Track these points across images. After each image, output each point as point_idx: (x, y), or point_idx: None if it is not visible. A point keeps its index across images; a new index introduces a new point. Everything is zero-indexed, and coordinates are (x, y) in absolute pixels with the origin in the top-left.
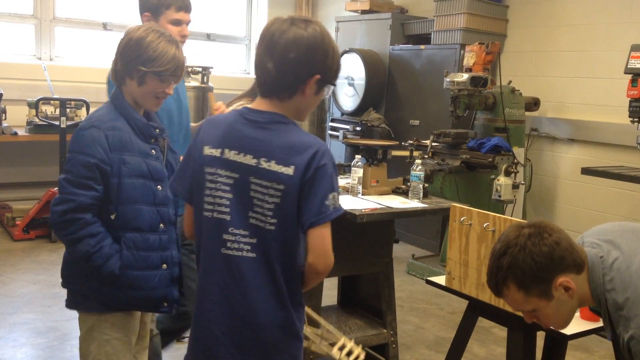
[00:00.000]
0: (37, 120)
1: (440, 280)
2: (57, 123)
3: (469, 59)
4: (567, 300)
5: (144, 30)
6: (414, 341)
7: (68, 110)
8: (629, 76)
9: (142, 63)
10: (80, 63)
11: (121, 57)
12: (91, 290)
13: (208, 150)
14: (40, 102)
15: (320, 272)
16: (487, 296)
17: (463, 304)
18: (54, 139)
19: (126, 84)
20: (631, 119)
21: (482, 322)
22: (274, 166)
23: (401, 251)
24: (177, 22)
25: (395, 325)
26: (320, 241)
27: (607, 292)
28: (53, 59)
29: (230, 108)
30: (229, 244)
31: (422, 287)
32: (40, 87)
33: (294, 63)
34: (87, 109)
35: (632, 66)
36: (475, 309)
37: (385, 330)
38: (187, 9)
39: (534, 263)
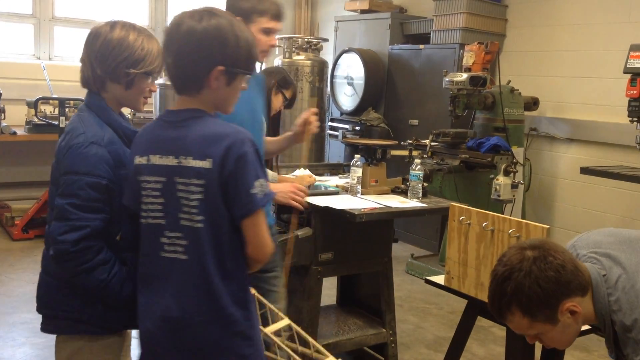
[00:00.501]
0: (36, 119)
1: (439, 279)
2: (56, 123)
3: (468, 59)
4: (572, 324)
5: (121, 29)
6: (413, 341)
7: (67, 109)
8: (628, 76)
9: (131, 65)
10: (79, 62)
11: (101, 61)
12: (85, 314)
13: (137, 160)
14: (40, 101)
15: (259, 261)
16: (485, 295)
17: (462, 303)
18: (53, 138)
19: (107, 89)
20: (630, 118)
21: (481, 322)
22: (192, 162)
23: (400, 251)
24: (269, 32)
25: (395, 325)
26: (255, 231)
27: (614, 313)
28: (52, 58)
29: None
30: (166, 247)
31: (421, 287)
32: (39, 87)
33: (188, 57)
34: None
35: (631, 66)
36: (474, 309)
37: (384, 330)
38: (280, 17)
39: (540, 289)
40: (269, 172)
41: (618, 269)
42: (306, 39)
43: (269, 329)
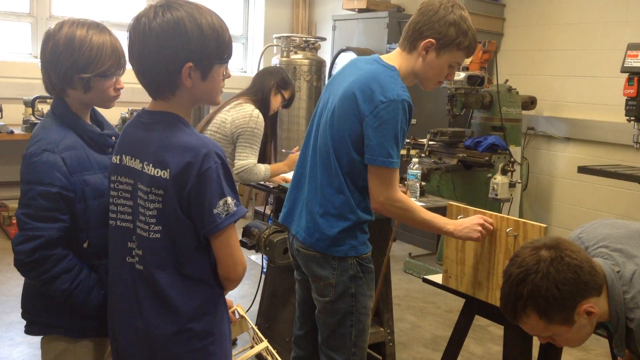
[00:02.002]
0: (33, 118)
1: (437, 278)
2: None
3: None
4: (587, 324)
5: (68, 28)
6: (410, 340)
7: None
8: (625, 75)
9: (81, 70)
10: None
11: (53, 68)
12: (62, 321)
13: (113, 159)
14: (37, 100)
15: (232, 280)
16: (483, 294)
17: (460, 302)
18: None
19: (68, 94)
20: (627, 117)
21: (479, 321)
22: (151, 169)
23: (398, 250)
24: (454, 66)
25: (392, 324)
26: (223, 251)
27: (630, 311)
28: None
29: (228, 107)
30: (133, 252)
31: (419, 286)
32: (36, 86)
33: (151, 60)
34: None
35: (629, 65)
36: (472, 307)
37: (382, 329)
38: (473, 52)
39: (558, 292)
40: (262, 166)
41: (632, 264)
42: (304, 38)
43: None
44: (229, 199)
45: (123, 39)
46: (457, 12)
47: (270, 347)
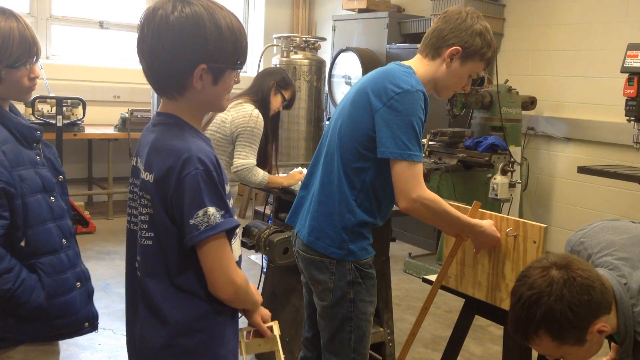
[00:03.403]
0: (33, 118)
1: None
2: (53, 122)
3: None
4: (597, 342)
5: None
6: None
7: (64, 108)
8: (625, 75)
9: None
10: (76, 61)
11: None
12: (7, 329)
13: (133, 160)
14: (37, 100)
15: (223, 299)
16: (483, 294)
17: (460, 302)
18: (51, 137)
19: None
20: (627, 117)
21: (479, 321)
22: (143, 172)
23: (398, 250)
24: (474, 76)
25: (392, 324)
26: (206, 265)
27: (639, 325)
28: (49, 57)
29: (228, 107)
30: (138, 257)
31: (419, 286)
32: (37, 86)
33: (164, 57)
34: (84, 108)
35: (628, 65)
36: (472, 307)
37: (382, 329)
38: (490, 64)
39: (572, 314)
40: (261, 171)
41: (638, 275)
42: (304, 38)
43: None
44: (211, 210)
45: (121, 39)
46: (482, 23)
47: None
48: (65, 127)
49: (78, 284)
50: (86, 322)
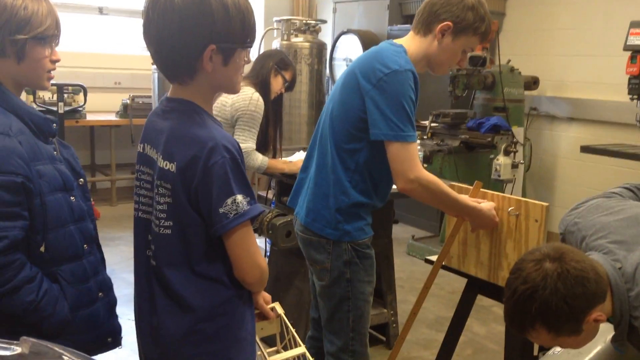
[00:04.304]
0: (34, 106)
1: None
2: (54, 109)
3: None
4: (593, 330)
5: None
6: (414, 321)
7: (65, 95)
8: (628, 53)
9: (15, 31)
10: (76, 48)
11: None
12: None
13: (139, 147)
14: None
15: (248, 283)
16: (485, 274)
17: (463, 283)
18: None
19: None
20: (630, 96)
21: (482, 301)
22: (161, 161)
23: (401, 232)
24: (469, 51)
25: (396, 305)
26: (235, 251)
27: (635, 310)
28: None
29: None
30: (151, 246)
31: (422, 268)
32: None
33: (171, 41)
34: (85, 94)
35: (631, 43)
36: (474, 287)
37: (385, 310)
38: (486, 39)
39: (567, 307)
40: (260, 155)
41: (634, 257)
42: (304, 21)
43: (280, 357)
44: (239, 197)
45: (121, 24)
46: None
47: (307, 354)
48: (66, 114)
49: (101, 294)
50: (109, 337)
